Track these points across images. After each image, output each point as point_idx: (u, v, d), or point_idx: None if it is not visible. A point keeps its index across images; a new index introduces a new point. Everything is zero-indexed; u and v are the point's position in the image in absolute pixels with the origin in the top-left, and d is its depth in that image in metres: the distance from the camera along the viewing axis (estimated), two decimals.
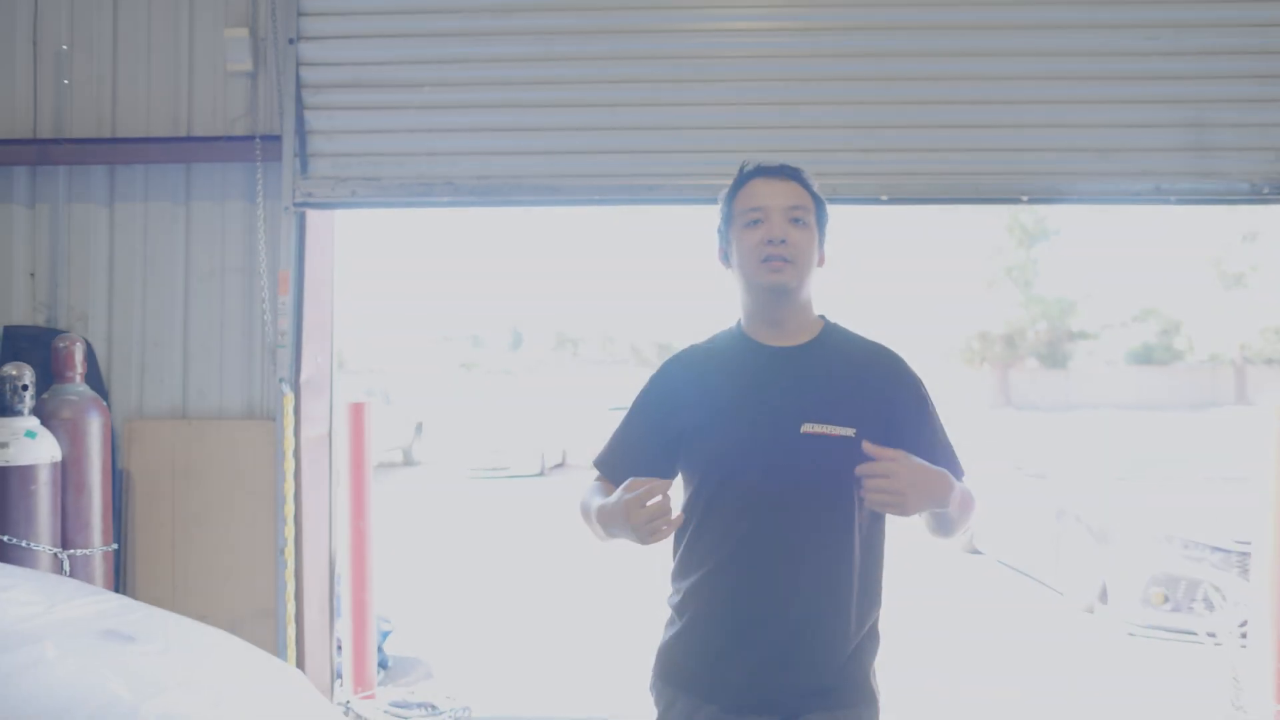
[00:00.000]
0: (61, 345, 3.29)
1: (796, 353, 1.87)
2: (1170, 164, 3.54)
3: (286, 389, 3.61)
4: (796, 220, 1.84)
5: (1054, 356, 36.59)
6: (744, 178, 1.91)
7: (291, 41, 3.65)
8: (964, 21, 3.58)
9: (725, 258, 1.93)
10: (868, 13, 3.59)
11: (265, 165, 3.72)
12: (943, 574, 7.95)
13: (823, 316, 1.94)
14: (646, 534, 1.63)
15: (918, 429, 1.84)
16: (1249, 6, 3.54)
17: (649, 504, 1.63)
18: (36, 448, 3.02)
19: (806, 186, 1.89)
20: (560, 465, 19.94)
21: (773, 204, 1.83)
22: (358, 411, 4.22)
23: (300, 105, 3.64)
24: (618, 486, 1.78)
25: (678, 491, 1.83)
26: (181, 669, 2.26)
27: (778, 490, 1.77)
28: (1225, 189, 3.55)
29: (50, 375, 3.32)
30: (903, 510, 1.62)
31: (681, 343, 2.00)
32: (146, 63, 3.89)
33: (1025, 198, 3.58)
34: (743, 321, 1.93)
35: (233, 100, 3.87)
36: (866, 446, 1.63)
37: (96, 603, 2.45)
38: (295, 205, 3.63)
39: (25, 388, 3.06)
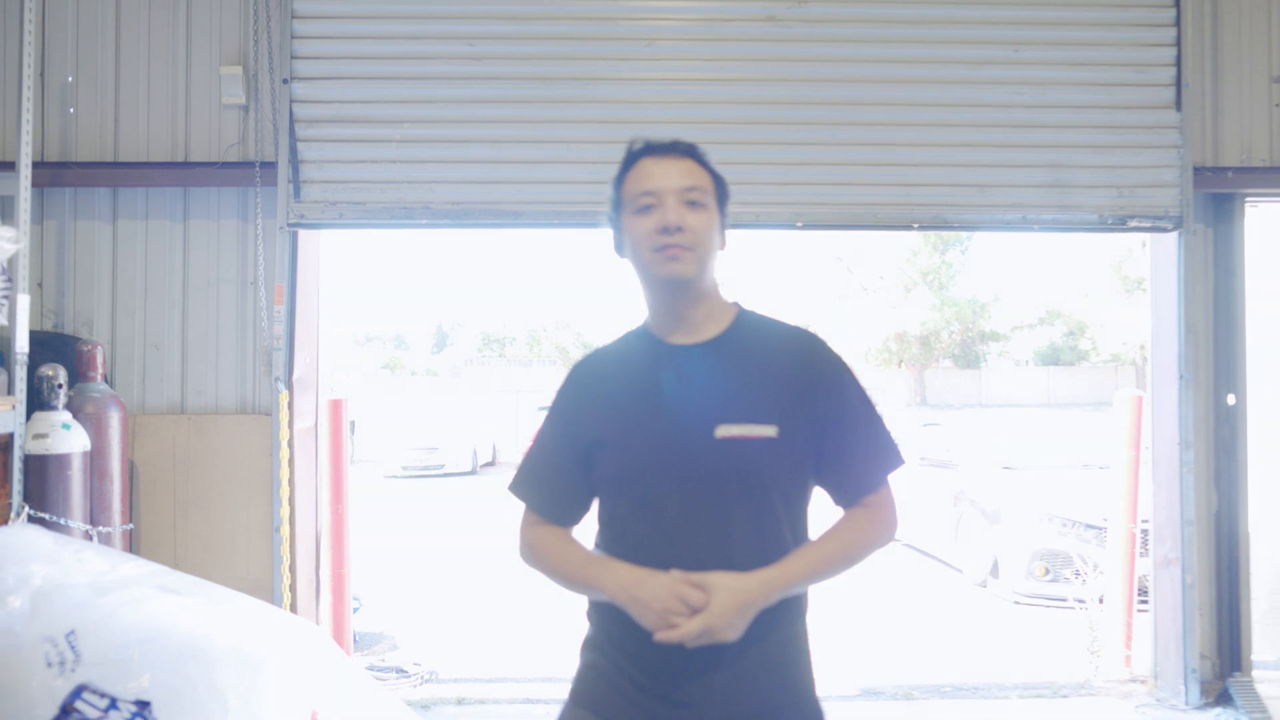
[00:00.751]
0: (85, 349, 3.73)
1: (707, 349, 1.71)
2: (1034, 199, 4.25)
3: (281, 387, 4.09)
4: (693, 203, 1.68)
5: (967, 357, 38.23)
6: (632, 157, 1.74)
7: (285, 81, 4.13)
8: (865, 76, 4.23)
9: (619, 248, 1.77)
10: (786, 68, 4.22)
11: (261, 189, 4.20)
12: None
13: (736, 304, 1.79)
14: (662, 628, 1.56)
15: (844, 419, 1.70)
16: (1098, 70, 4.27)
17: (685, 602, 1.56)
18: (70, 438, 3.46)
19: (703, 163, 1.74)
20: (491, 463, 20.40)
21: (666, 186, 1.67)
22: (336, 406, 4.71)
23: (293, 137, 4.13)
24: (546, 516, 1.78)
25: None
26: (225, 615, 2.76)
27: (695, 502, 1.63)
28: (1079, 220, 4.28)
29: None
30: (724, 639, 1.56)
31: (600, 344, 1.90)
32: (146, 94, 4.33)
33: (916, 225, 4.26)
34: (647, 319, 1.78)
35: (226, 129, 4.34)
36: (675, 575, 1.58)
37: (141, 566, 2.93)
38: (289, 225, 4.12)
39: (60, 386, 3.50)
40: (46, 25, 4.29)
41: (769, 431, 1.63)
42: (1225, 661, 4.40)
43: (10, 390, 3.42)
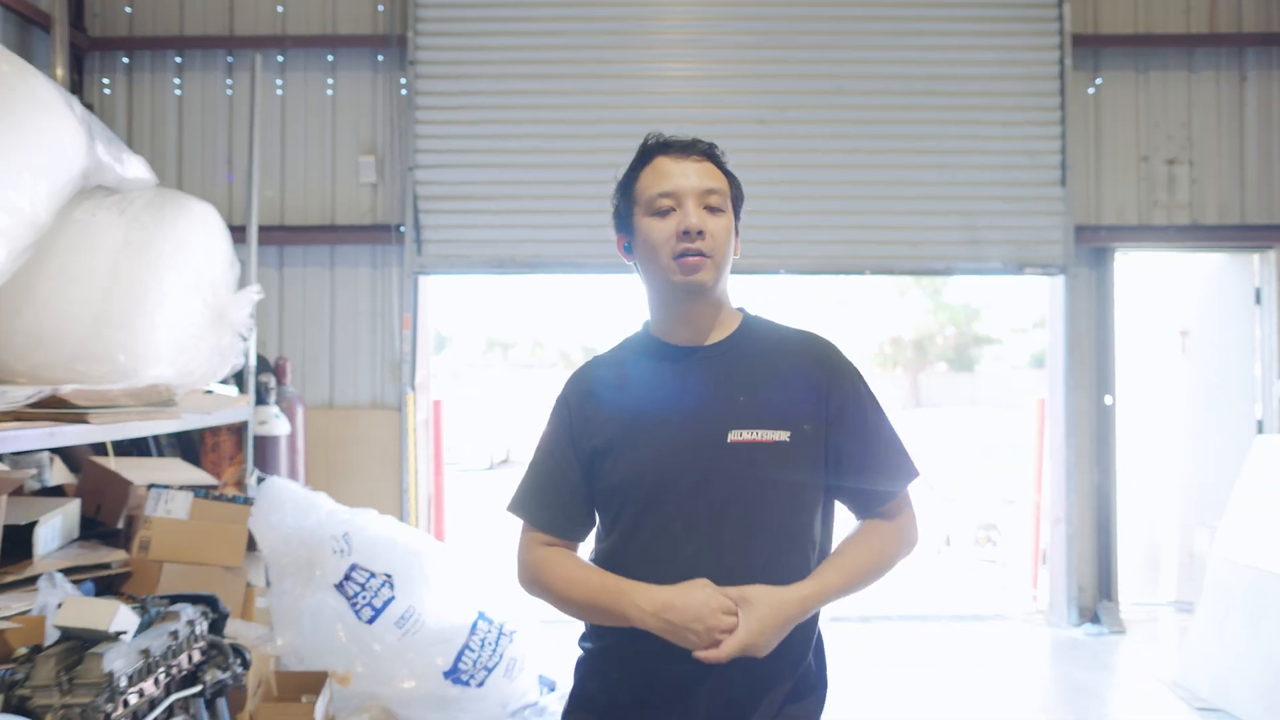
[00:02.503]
0: (280, 362, 5.29)
1: (715, 352, 1.67)
2: (955, 252, 5.79)
3: (409, 390, 5.65)
4: (712, 208, 1.63)
5: (962, 360, 39.66)
6: (648, 153, 1.68)
7: (410, 169, 5.70)
8: (831, 163, 5.77)
9: (629, 249, 1.71)
10: (772, 156, 5.76)
11: (391, 247, 5.76)
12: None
13: (741, 309, 1.75)
14: (703, 645, 1.50)
15: (856, 425, 1.65)
16: (1002, 157, 5.80)
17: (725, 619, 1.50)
18: (279, 425, 5.01)
19: (720, 165, 1.68)
20: (505, 461, 21.95)
21: (686, 187, 1.61)
22: (437, 406, 6.26)
23: (416, 210, 5.69)
24: (552, 533, 1.69)
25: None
26: (415, 532, 4.30)
27: (707, 509, 1.57)
28: (988, 267, 5.82)
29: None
30: (756, 653, 1.52)
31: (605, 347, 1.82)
32: (304, 176, 5.90)
33: (867, 271, 5.80)
34: (650, 322, 1.74)
35: (362, 201, 5.90)
36: (700, 655, 1.51)
37: (339, 505, 4.49)
38: (414, 273, 5.68)
39: (271, 389, 5.05)
40: (235, 126, 5.86)
41: (781, 436, 1.58)
42: (1099, 592, 5.93)
43: (243, 392, 4.96)
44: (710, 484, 1.59)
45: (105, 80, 6.01)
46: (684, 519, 1.59)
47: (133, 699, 2.55)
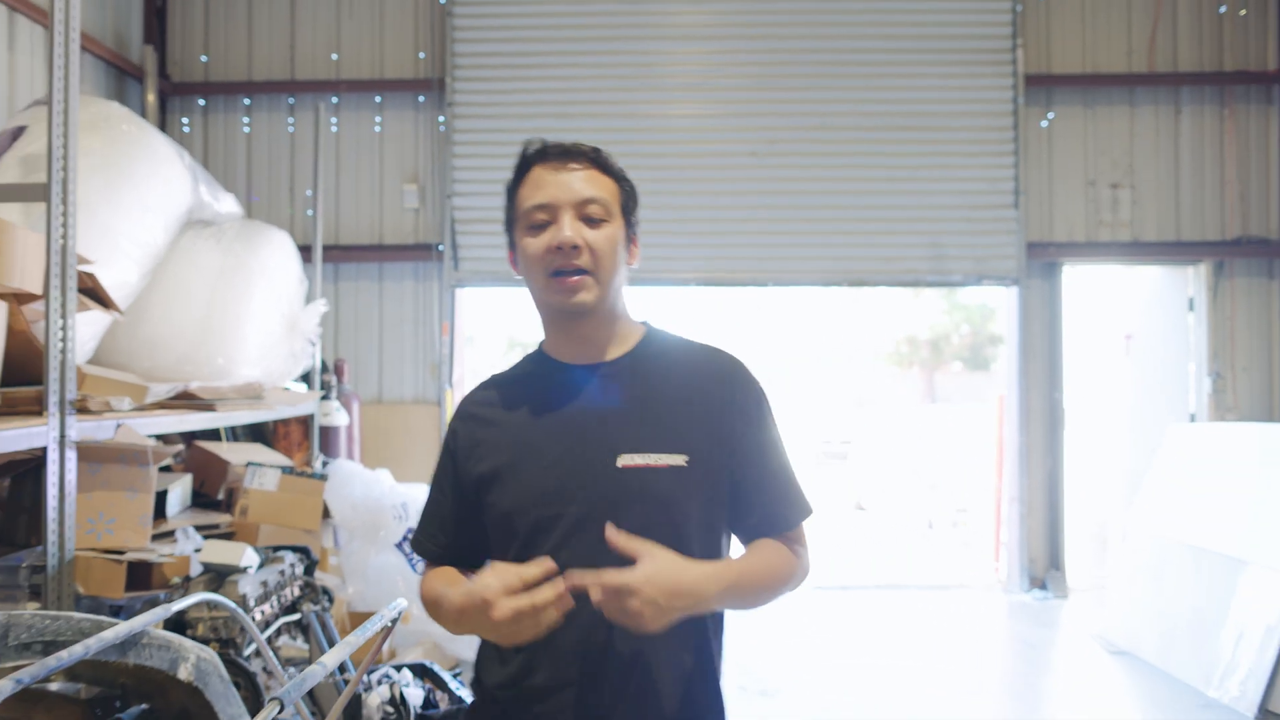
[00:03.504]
0: (340, 363, 6.21)
1: (610, 370, 1.55)
2: (921, 265, 6.63)
3: (447, 387, 6.56)
4: (592, 219, 1.49)
5: (976, 359, 40.28)
6: (525, 163, 1.54)
7: (448, 196, 6.60)
8: (815, 190, 6.63)
9: (515, 263, 1.58)
10: (764, 184, 6.62)
11: (432, 264, 6.67)
12: (838, 531, 11.15)
13: (645, 323, 1.63)
14: (514, 634, 1.33)
15: (757, 453, 1.54)
16: (963, 184, 6.63)
17: (525, 599, 1.30)
18: (340, 417, 5.93)
19: (606, 169, 1.54)
20: None
21: (561, 199, 1.48)
22: None
23: (454, 231, 6.60)
24: (437, 564, 1.61)
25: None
26: None
27: (598, 543, 1.39)
28: (950, 279, 6.65)
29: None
30: (639, 629, 1.32)
31: None
32: (355, 202, 6.82)
33: (845, 283, 6.65)
34: (544, 338, 1.62)
35: (406, 223, 6.81)
36: (610, 535, 1.36)
37: (400, 484, 5.37)
38: (452, 286, 6.59)
39: (332, 386, 5.97)
40: (296, 158, 6.80)
41: (678, 460, 1.48)
42: (1048, 563, 6.75)
43: (311, 389, 5.88)
44: (598, 513, 1.43)
45: (185, 120, 6.95)
46: (570, 551, 1.44)
47: (257, 616, 3.47)
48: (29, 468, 3.76)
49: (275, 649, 3.58)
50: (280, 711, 1.80)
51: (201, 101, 6.96)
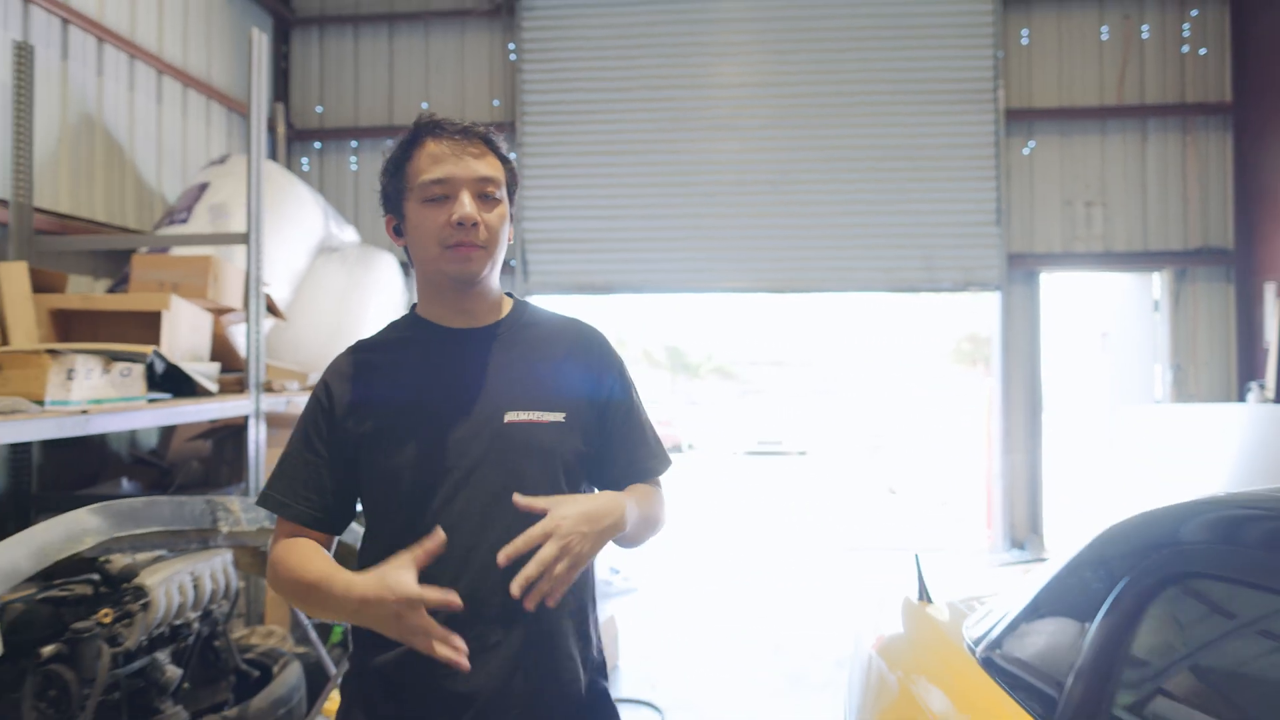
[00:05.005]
0: None
1: (487, 334, 1.66)
2: (915, 276, 7.80)
3: None
4: (487, 196, 1.60)
5: None
6: (420, 133, 1.63)
7: (520, 221, 7.99)
8: (827, 213, 7.84)
9: (398, 232, 1.66)
10: (782, 209, 7.86)
11: (506, 276, 8.06)
12: (870, 510, 12.32)
13: (510, 294, 1.76)
14: (416, 643, 1.38)
15: (625, 412, 1.70)
16: (951, 204, 7.78)
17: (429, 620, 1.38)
18: None
19: (497, 152, 1.64)
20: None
21: (460, 176, 1.57)
22: None
23: (524, 249, 7.98)
24: (303, 522, 1.60)
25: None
26: None
27: (486, 491, 1.53)
28: (942, 286, 7.80)
29: None
30: (582, 563, 1.43)
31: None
32: None
33: (850, 289, 7.85)
34: (422, 305, 1.70)
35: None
36: (518, 500, 1.45)
37: None
38: (524, 295, 7.97)
39: None
40: None
41: (557, 417, 1.60)
42: (1029, 528, 7.86)
43: None
44: (489, 464, 1.55)
45: (304, 159, 8.46)
46: (463, 502, 1.53)
47: None
48: (226, 433, 5.23)
49: None
50: None
51: (318, 145, 8.46)
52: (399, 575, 1.37)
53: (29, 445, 5.30)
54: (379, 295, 6.50)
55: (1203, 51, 7.75)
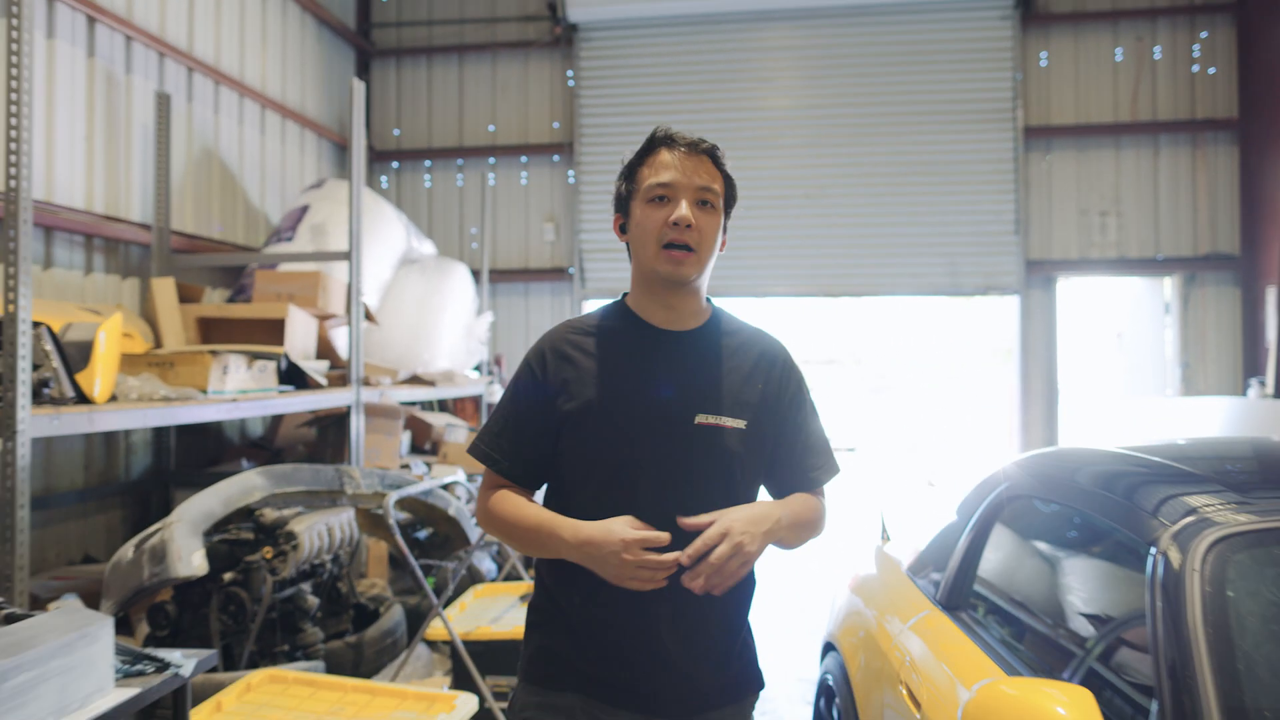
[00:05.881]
0: (499, 357, 8.51)
1: (689, 338, 1.77)
2: (940, 282, 8.48)
3: None
4: (705, 203, 1.72)
5: None
6: (652, 145, 1.78)
7: (577, 232, 8.84)
8: (859, 222, 8.56)
9: (624, 229, 1.82)
10: (818, 219, 8.59)
11: (564, 283, 8.92)
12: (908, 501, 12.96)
13: (709, 300, 1.84)
14: (628, 577, 1.58)
15: (800, 423, 1.81)
16: (974, 215, 8.44)
17: (649, 554, 1.58)
18: (501, 392, 8.22)
19: (719, 166, 1.77)
20: None
21: (683, 182, 1.71)
22: None
23: (581, 257, 8.84)
24: (509, 477, 1.78)
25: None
26: None
27: (670, 481, 1.69)
28: (965, 290, 8.47)
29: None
30: (751, 562, 1.61)
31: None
32: (509, 236, 9.13)
33: (883, 294, 8.55)
34: (633, 298, 1.82)
35: (544, 251, 9.08)
36: (683, 521, 1.61)
37: None
38: (579, 300, 8.82)
39: (494, 374, 8.26)
40: (464, 205, 9.17)
41: (740, 424, 1.73)
42: None
43: (481, 375, 8.19)
44: (676, 460, 1.69)
45: (383, 179, 9.41)
46: (649, 491, 1.68)
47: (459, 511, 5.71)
48: (328, 421, 6.14)
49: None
50: None
51: (395, 164, 9.40)
52: (622, 522, 1.62)
53: (168, 431, 6.28)
54: (454, 301, 7.39)
55: (1211, 71, 8.31)
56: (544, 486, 1.84)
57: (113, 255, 5.97)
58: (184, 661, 2.47)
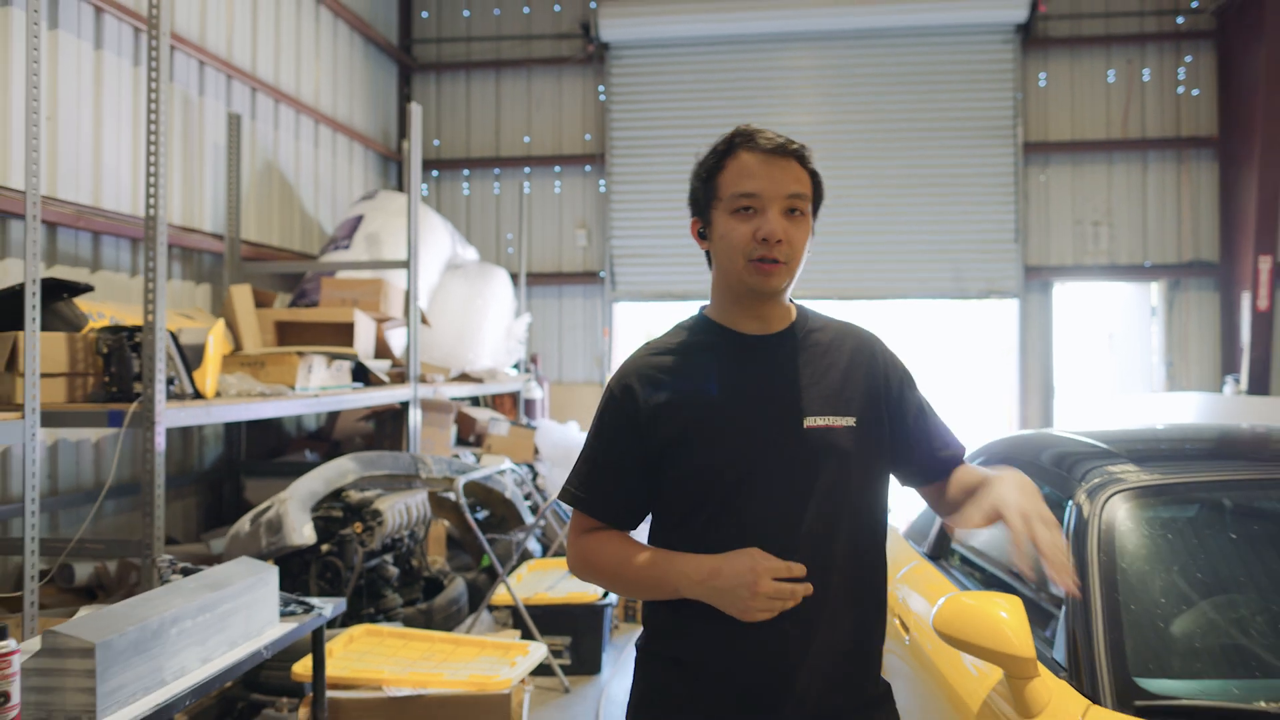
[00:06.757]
0: (535, 355, 9.18)
1: (779, 341, 1.70)
2: (946, 286, 9.10)
3: (608, 373, 9.44)
4: (794, 211, 1.62)
5: None
6: (732, 146, 1.66)
7: (608, 238, 9.50)
8: (875, 233, 9.18)
9: (702, 235, 1.72)
10: (840, 234, 9.22)
11: (595, 285, 9.58)
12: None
13: (790, 299, 1.75)
14: (758, 609, 1.51)
15: (912, 408, 1.75)
16: (977, 226, 9.05)
17: (781, 583, 1.51)
18: (535, 391, 8.88)
19: (806, 166, 1.66)
20: None
21: (771, 192, 1.61)
22: None
23: (612, 262, 9.49)
24: (606, 520, 1.69)
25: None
26: None
27: (785, 494, 1.60)
28: (968, 294, 9.09)
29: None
30: (1034, 511, 1.48)
31: None
32: (543, 241, 9.79)
33: (894, 297, 9.17)
34: (715, 309, 1.75)
35: (576, 255, 9.73)
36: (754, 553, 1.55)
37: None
38: (610, 302, 9.49)
39: (531, 371, 8.93)
40: (500, 213, 9.83)
41: (849, 421, 1.64)
42: None
43: (520, 373, 8.84)
44: (793, 469, 1.61)
45: (424, 186, 10.07)
46: (764, 507, 1.60)
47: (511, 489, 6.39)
48: (385, 415, 6.81)
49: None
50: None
51: (435, 174, 10.06)
52: (748, 552, 1.54)
53: (240, 425, 6.96)
54: (495, 304, 8.06)
55: (1195, 92, 8.90)
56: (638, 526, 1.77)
57: (188, 263, 6.65)
58: (325, 605, 3.14)
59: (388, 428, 6.75)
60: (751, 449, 1.62)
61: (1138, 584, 2.01)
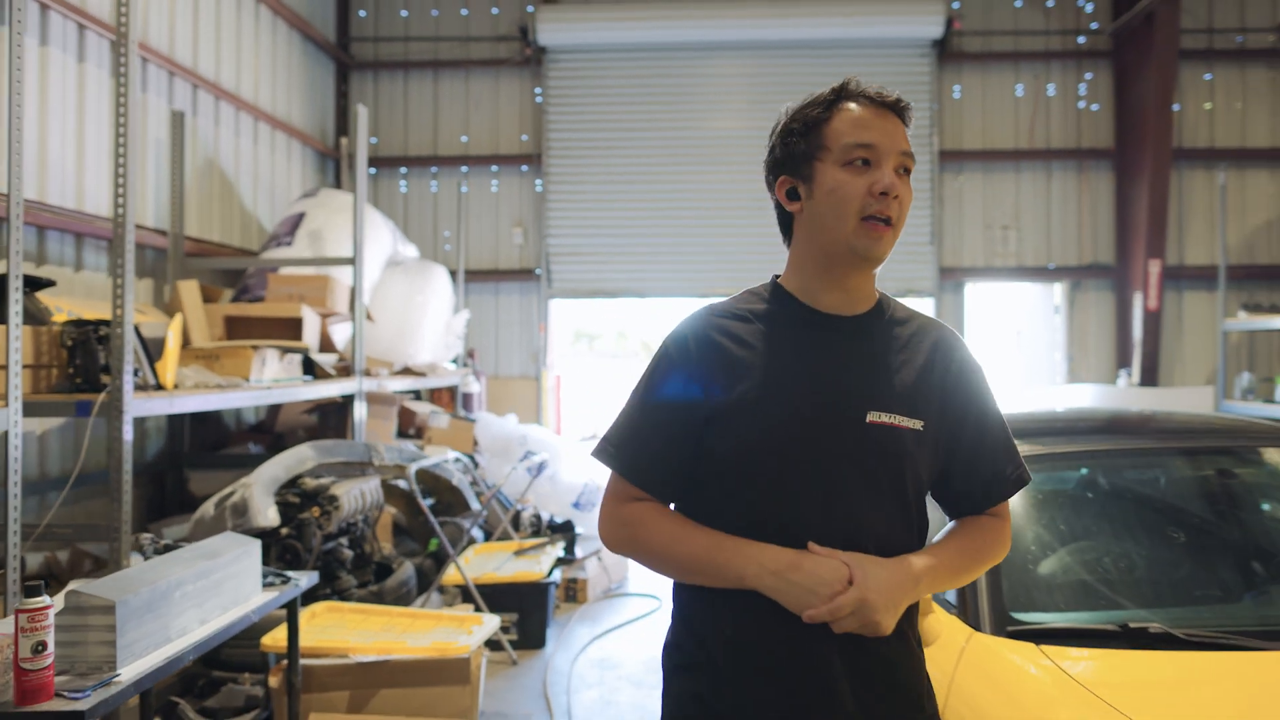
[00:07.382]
0: (473, 350, 9.43)
1: (857, 325, 1.57)
2: None
3: (543, 368, 9.74)
4: (906, 170, 1.52)
5: None
6: (845, 97, 1.55)
7: (544, 236, 9.78)
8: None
9: (794, 195, 1.57)
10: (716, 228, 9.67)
11: (532, 283, 9.86)
12: None
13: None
14: (822, 616, 1.41)
15: (984, 428, 1.61)
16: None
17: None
18: (474, 385, 9.12)
19: (908, 125, 1.56)
20: (593, 436, 26.09)
21: (888, 146, 1.50)
22: (558, 379, 10.30)
23: (548, 260, 9.78)
24: (648, 489, 1.56)
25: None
26: (554, 438, 8.39)
27: (835, 489, 1.49)
28: (887, 293, 9.59)
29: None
30: (873, 616, 1.41)
31: None
32: (480, 238, 10.03)
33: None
34: (792, 279, 1.61)
35: (513, 253, 9.99)
36: (812, 549, 1.45)
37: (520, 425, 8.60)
38: (546, 299, 9.77)
39: (469, 365, 9.16)
40: (438, 211, 10.04)
41: (916, 424, 1.53)
42: None
43: (458, 367, 9.07)
44: (848, 460, 1.50)
45: None
46: (812, 501, 1.49)
47: (456, 476, 6.65)
48: (328, 408, 7.00)
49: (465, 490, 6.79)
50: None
51: (372, 171, 10.21)
52: (855, 556, 1.45)
53: (183, 417, 7.08)
54: (435, 300, 8.27)
55: (1095, 107, 9.57)
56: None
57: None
58: (299, 576, 3.40)
59: (331, 420, 6.94)
60: (805, 436, 1.50)
61: (1014, 537, 2.42)
